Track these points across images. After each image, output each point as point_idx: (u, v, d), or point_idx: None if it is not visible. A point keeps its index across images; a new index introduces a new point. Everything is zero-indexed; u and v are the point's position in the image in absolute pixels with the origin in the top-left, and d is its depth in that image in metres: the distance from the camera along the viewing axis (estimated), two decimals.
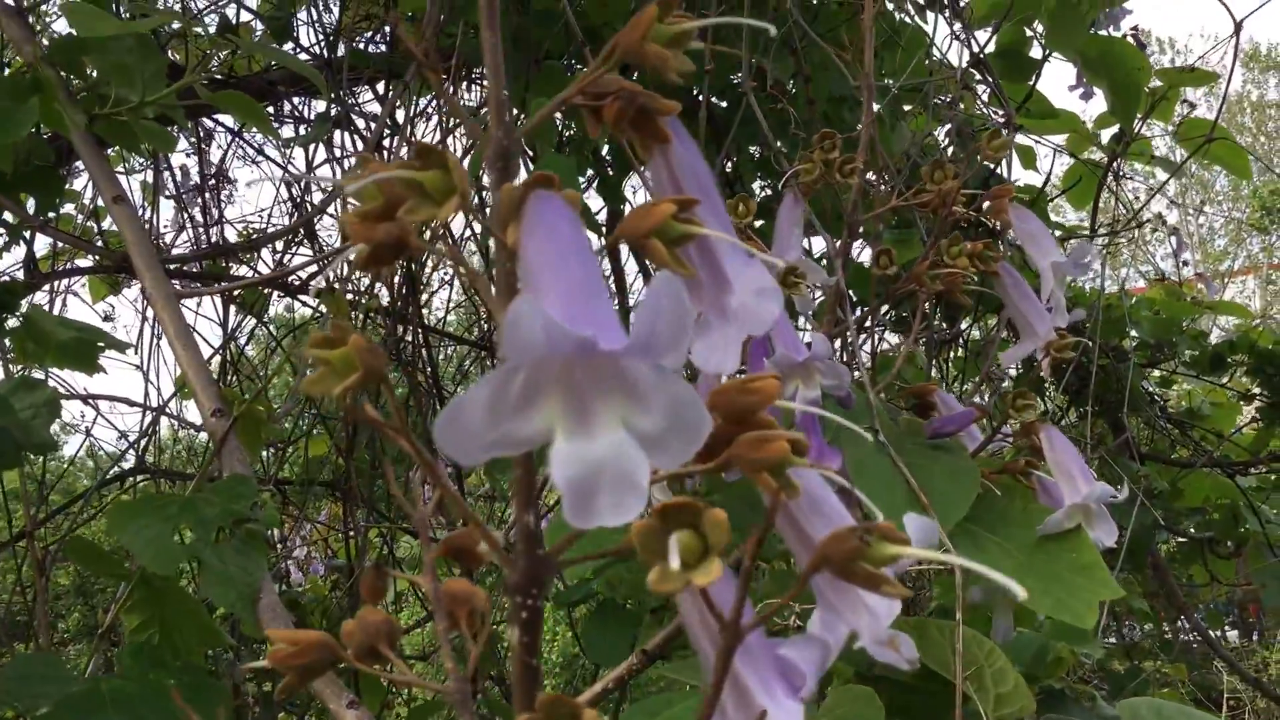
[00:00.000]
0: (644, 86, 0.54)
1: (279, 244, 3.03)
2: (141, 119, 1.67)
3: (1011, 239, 1.80)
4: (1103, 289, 2.96)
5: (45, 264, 2.67)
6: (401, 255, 0.49)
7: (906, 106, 2.57)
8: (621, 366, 0.42)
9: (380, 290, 2.70)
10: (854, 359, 1.29)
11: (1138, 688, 2.91)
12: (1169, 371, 3.60)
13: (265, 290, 2.95)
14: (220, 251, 2.76)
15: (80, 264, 2.79)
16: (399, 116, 2.59)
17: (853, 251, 1.39)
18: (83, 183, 2.83)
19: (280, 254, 3.08)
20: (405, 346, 2.79)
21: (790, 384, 1.08)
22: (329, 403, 3.18)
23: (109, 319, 3.42)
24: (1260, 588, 3.25)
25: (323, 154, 2.90)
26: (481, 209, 2.02)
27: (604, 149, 2.51)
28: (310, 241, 2.98)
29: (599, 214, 2.59)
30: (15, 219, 2.03)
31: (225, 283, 2.62)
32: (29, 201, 1.97)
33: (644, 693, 2.42)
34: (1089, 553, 1.07)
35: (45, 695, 1.27)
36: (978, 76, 2.50)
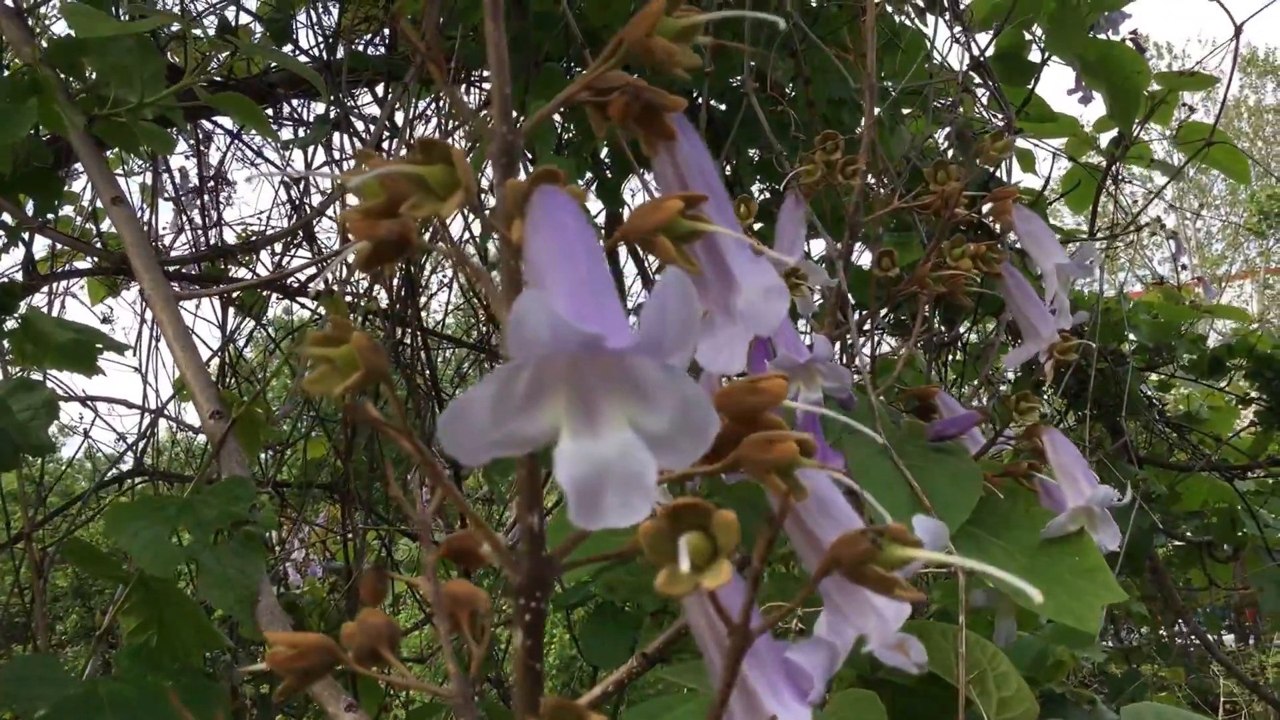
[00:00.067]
0: None
1: (277, 246, 3.03)
2: (140, 120, 1.67)
3: (1011, 241, 1.80)
4: (1101, 292, 2.95)
5: (44, 266, 2.66)
6: (404, 253, 0.49)
7: (906, 110, 2.57)
8: (628, 365, 0.41)
9: (379, 292, 2.70)
10: (855, 361, 1.29)
11: (1136, 691, 2.90)
12: (1167, 375, 3.60)
13: (264, 292, 2.94)
14: (219, 253, 2.75)
15: (79, 265, 2.78)
16: (398, 119, 2.59)
17: (852, 254, 1.39)
18: (81, 184, 2.83)
19: (279, 256, 3.08)
20: (404, 349, 2.78)
21: (792, 386, 1.08)
22: (327, 404, 3.18)
23: (107, 321, 3.41)
24: (1258, 592, 3.24)
25: (322, 156, 2.89)
26: (480, 210, 2.01)
27: (603, 151, 2.51)
28: (309, 243, 2.98)
29: (597, 216, 2.59)
30: (14, 220, 2.02)
31: (224, 284, 2.62)
32: (28, 203, 1.97)
33: (641, 695, 2.41)
34: (1092, 556, 1.06)
35: (43, 697, 1.27)
36: (977, 80, 2.50)
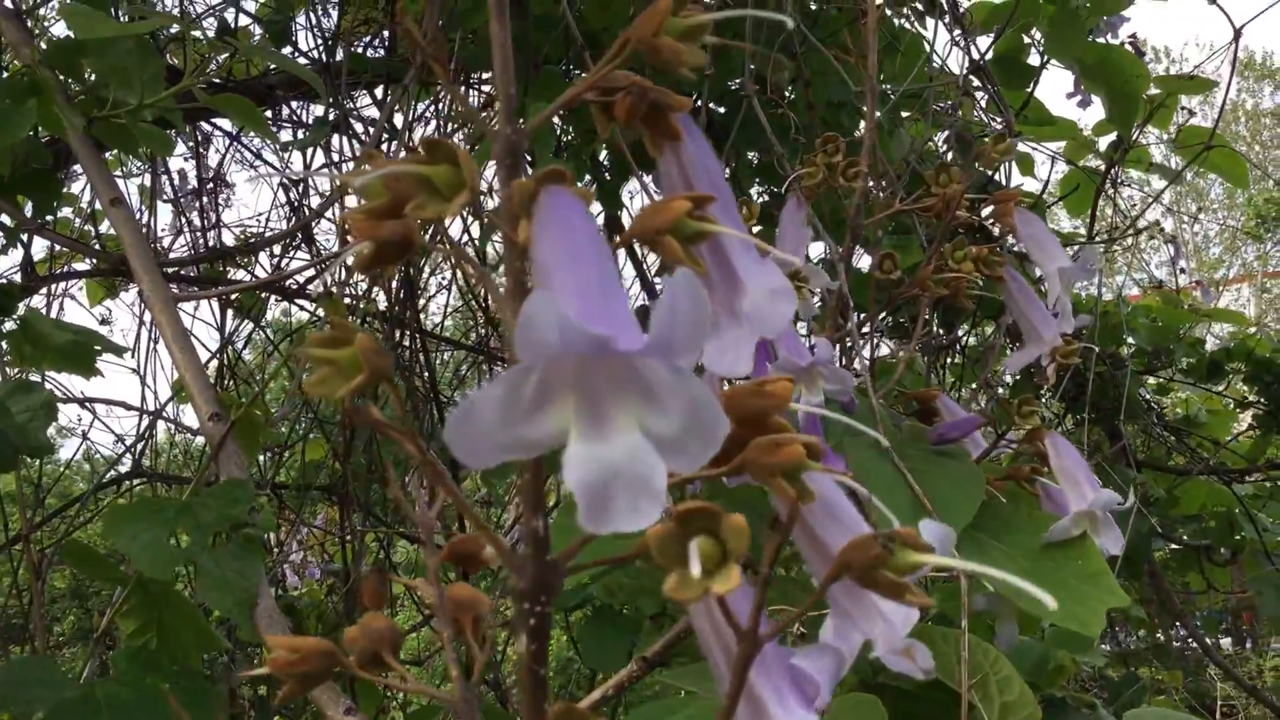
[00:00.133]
0: None
1: (276, 248, 3.02)
2: (140, 122, 1.66)
3: (1011, 244, 1.80)
4: (1100, 296, 2.95)
5: (43, 267, 2.66)
6: (407, 254, 0.48)
7: (905, 113, 2.57)
8: (637, 367, 0.41)
9: (377, 294, 2.69)
10: (857, 364, 1.29)
11: (1134, 695, 2.90)
12: (1166, 379, 3.60)
13: (262, 294, 2.93)
14: (218, 255, 2.75)
15: (78, 267, 2.78)
16: (397, 121, 2.58)
17: (853, 257, 1.38)
18: (80, 186, 2.82)
19: (278, 258, 3.07)
20: (402, 351, 2.77)
21: (794, 389, 1.07)
22: (326, 406, 3.17)
23: (106, 322, 3.40)
24: (1256, 596, 3.24)
25: (321, 158, 2.89)
26: (478, 212, 2.01)
27: (602, 154, 2.50)
28: (308, 245, 2.97)
29: (597, 218, 2.59)
30: (13, 222, 2.02)
31: (222, 286, 2.62)
32: (26, 204, 1.97)
33: (639, 697, 2.41)
34: (1095, 560, 1.06)
35: (41, 699, 1.27)
36: (976, 83, 2.50)
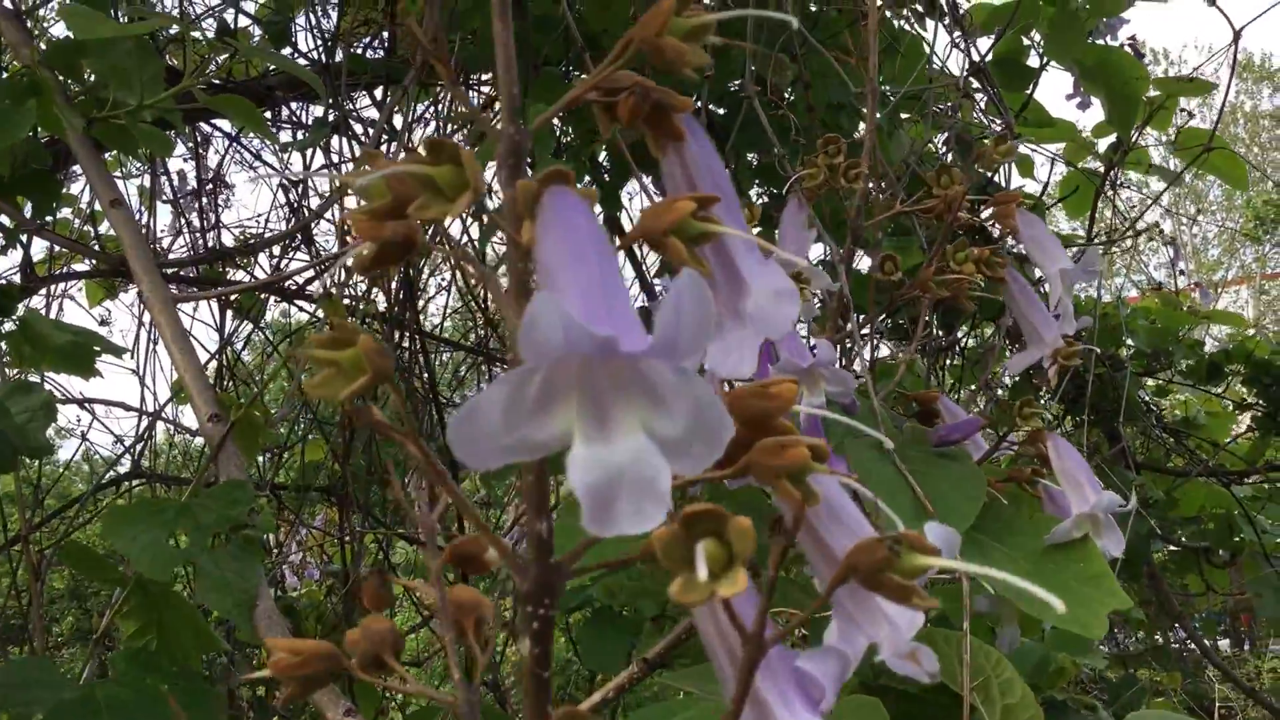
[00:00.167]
0: None
1: (275, 248, 3.02)
2: (139, 123, 1.66)
3: (1010, 246, 1.80)
4: (1099, 298, 2.95)
5: (42, 268, 2.65)
6: (409, 254, 0.48)
7: (904, 115, 2.56)
8: (642, 368, 0.40)
9: (376, 295, 2.69)
10: (857, 365, 1.28)
11: (1133, 697, 2.90)
12: (1165, 381, 3.60)
13: (262, 295, 2.93)
14: (217, 256, 2.74)
15: (77, 268, 2.77)
16: (396, 122, 2.58)
17: (854, 258, 1.38)
18: (79, 187, 2.82)
19: (277, 259, 3.07)
20: (402, 353, 2.77)
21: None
22: (325, 407, 3.17)
23: (105, 323, 3.39)
24: (1256, 597, 3.24)
25: (320, 159, 2.88)
26: (478, 212, 2.01)
27: (601, 155, 2.50)
28: (307, 246, 2.97)
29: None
30: (12, 222, 2.02)
31: (222, 287, 2.61)
32: (26, 205, 1.96)
33: (637, 698, 2.40)
34: (1097, 563, 1.06)
35: (40, 701, 1.26)
36: (975, 85, 2.50)
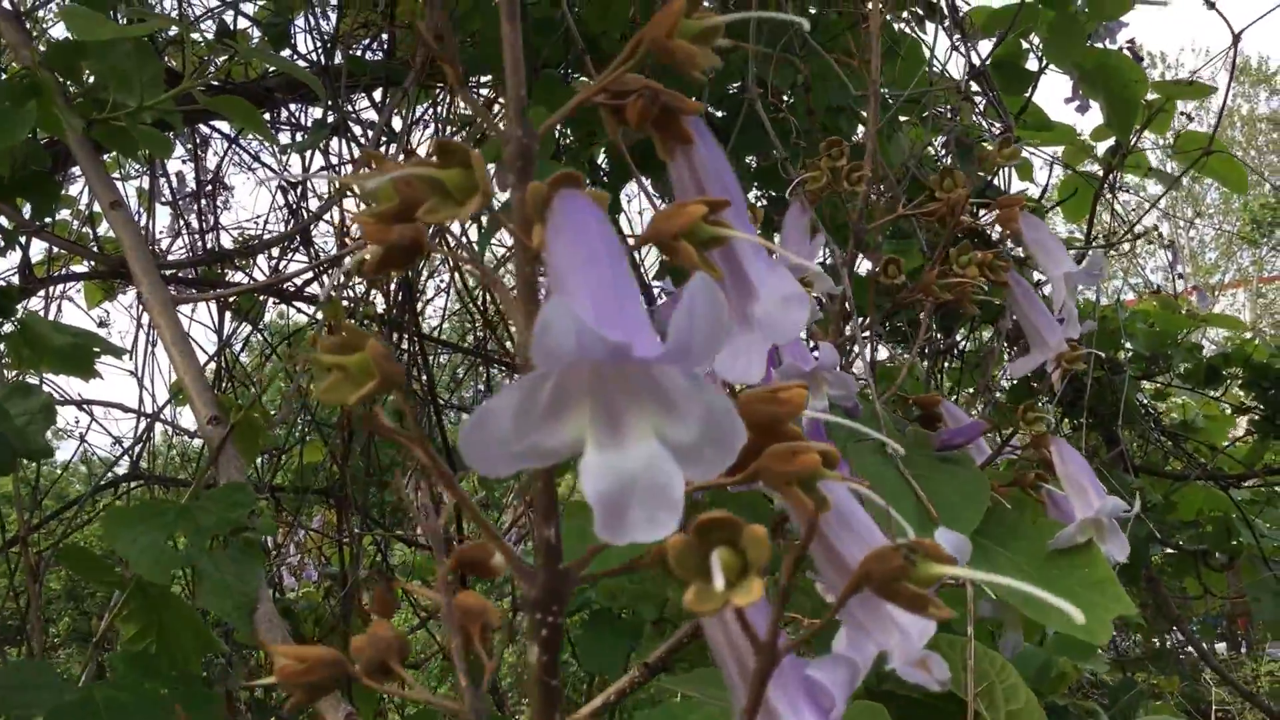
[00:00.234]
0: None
1: (274, 250, 3.01)
2: (139, 124, 1.66)
3: (1009, 248, 1.79)
4: (1098, 301, 2.95)
5: (40, 269, 2.65)
6: (416, 258, 0.48)
7: (903, 117, 2.56)
8: (654, 374, 0.40)
9: (375, 296, 2.69)
10: (857, 366, 1.28)
11: (1132, 700, 2.90)
12: (1163, 384, 3.60)
13: (260, 297, 2.93)
14: (216, 258, 2.74)
15: (76, 269, 2.77)
16: (396, 124, 2.58)
17: (856, 261, 1.38)
18: (78, 188, 2.81)
19: (276, 260, 3.06)
20: (401, 355, 2.77)
21: None
22: (323, 409, 3.16)
23: (104, 324, 3.39)
24: (1254, 601, 3.24)
25: (319, 161, 2.88)
26: (477, 215, 2.00)
27: (600, 157, 2.49)
28: (306, 248, 2.97)
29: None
30: (11, 224, 2.01)
31: (221, 289, 2.61)
32: (24, 206, 1.96)
33: (633, 700, 2.39)
34: (1101, 568, 1.06)
35: (39, 704, 1.26)
36: (975, 88, 2.49)
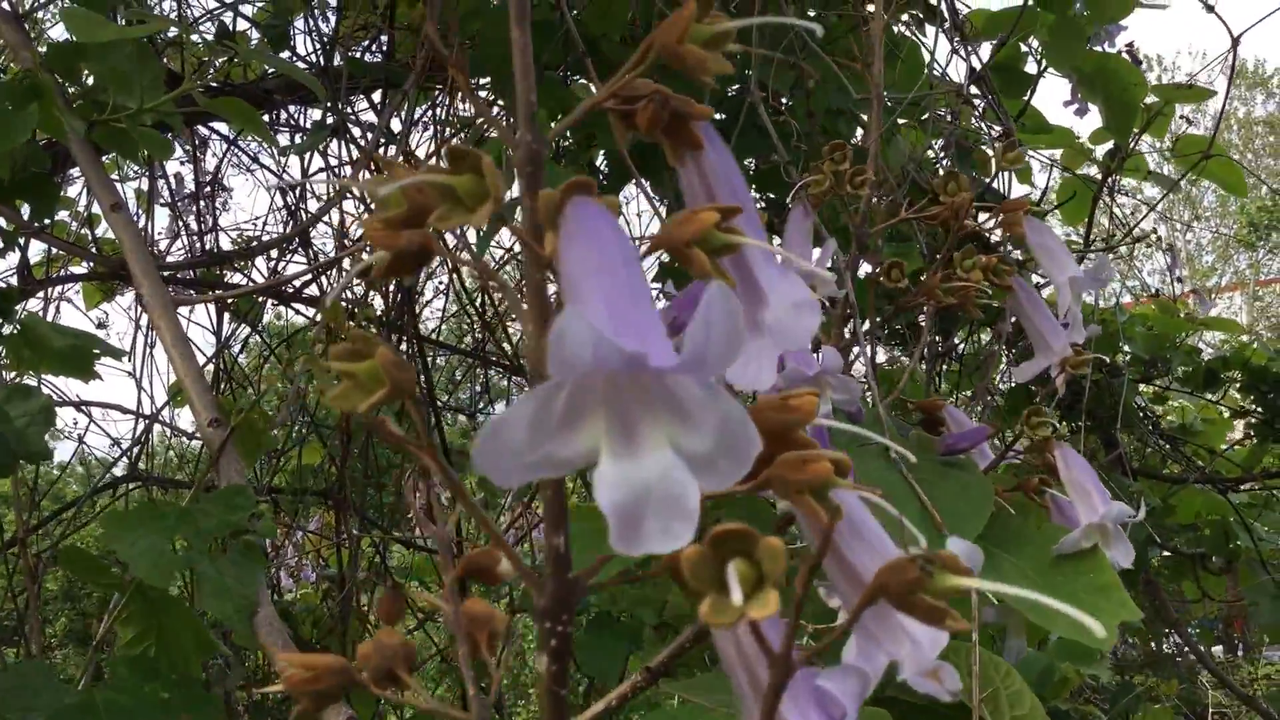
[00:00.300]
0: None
1: (273, 252, 3.01)
2: (140, 126, 1.65)
3: (1008, 251, 1.79)
4: (1097, 304, 2.95)
5: (39, 271, 2.64)
6: (424, 264, 0.48)
7: (902, 121, 2.56)
8: (669, 383, 0.40)
9: (373, 298, 2.68)
10: (857, 367, 1.28)
11: (1130, 703, 2.90)
12: (1162, 388, 3.59)
13: (259, 298, 2.92)
14: (215, 259, 2.74)
15: (75, 271, 2.76)
16: (394, 126, 2.57)
17: (859, 265, 1.38)
18: (76, 190, 2.81)
19: (275, 262, 3.06)
20: (399, 356, 2.75)
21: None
22: (322, 410, 3.16)
23: (103, 326, 3.38)
24: (1252, 605, 3.24)
25: (318, 162, 2.88)
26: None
27: (599, 159, 2.49)
28: (305, 250, 2.96)
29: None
30: (10, 225, 2.01)
31: (220, 291, 2.61)
32: (23, 207, 1.95)
33: (629, 703, 2.39)
34: (1106, 573, 1.05)
35: (39, 706, 1.26)
36: (975, 91, 2.49)
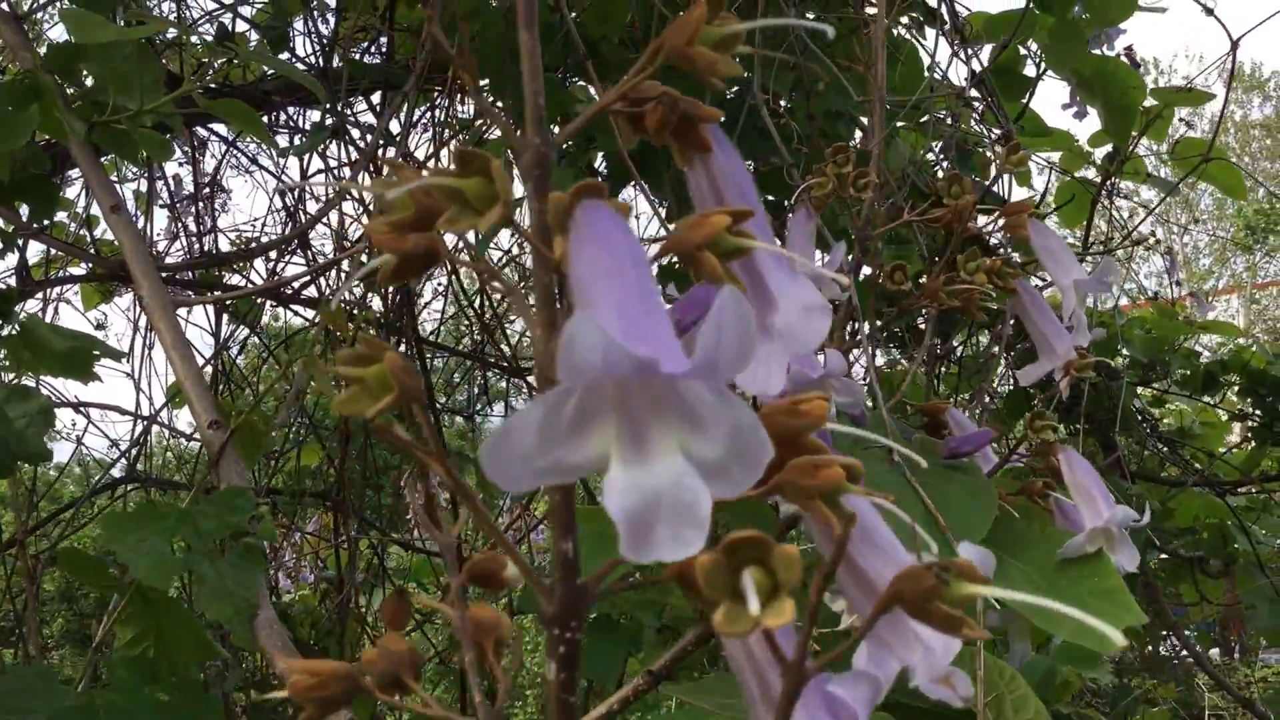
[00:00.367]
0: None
1: (272, 253, 3.00)
2: (140, 127, 1.65)
3: (1007, 254, 1.79)
4: (1095, 307, 2.94)
5: (37, 271, 2.64)
6: (430, 267, 0.48)
7: (900, 123, 2.56)
8: (680, 388, 0.39)
9: (371, 299, 2.69)
10: (871, 375, 1.27)
11: (1129, 706, 2.90)
12: (1160, 391, 3.59)
13: (258, 300, 2.92)
14: (215, 261, 2.74)
15: (73, 272, 2.76)
16: (393, 127, 2.57)
17: (862, 268, 1.37)
18: (75, 191, 2.81)
19: (273, 263, 3.06)
20: None
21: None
22: (321, 411, 3.16)
23: (101, 327, 3.37)
24: (1249, 608, 3.24)
25: (318, 164, 2.88)
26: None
27: (598, 161, 2.49)
28: (303, 251, 2.96)
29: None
30: (9, 226, 2.00)
31: (220, 292, 2.60)
32: (21, 208, 1.95)
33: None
34: (1111, 577, 1.05)
35: (39, 708, 1.25)
36: (974, 94, 2.49)
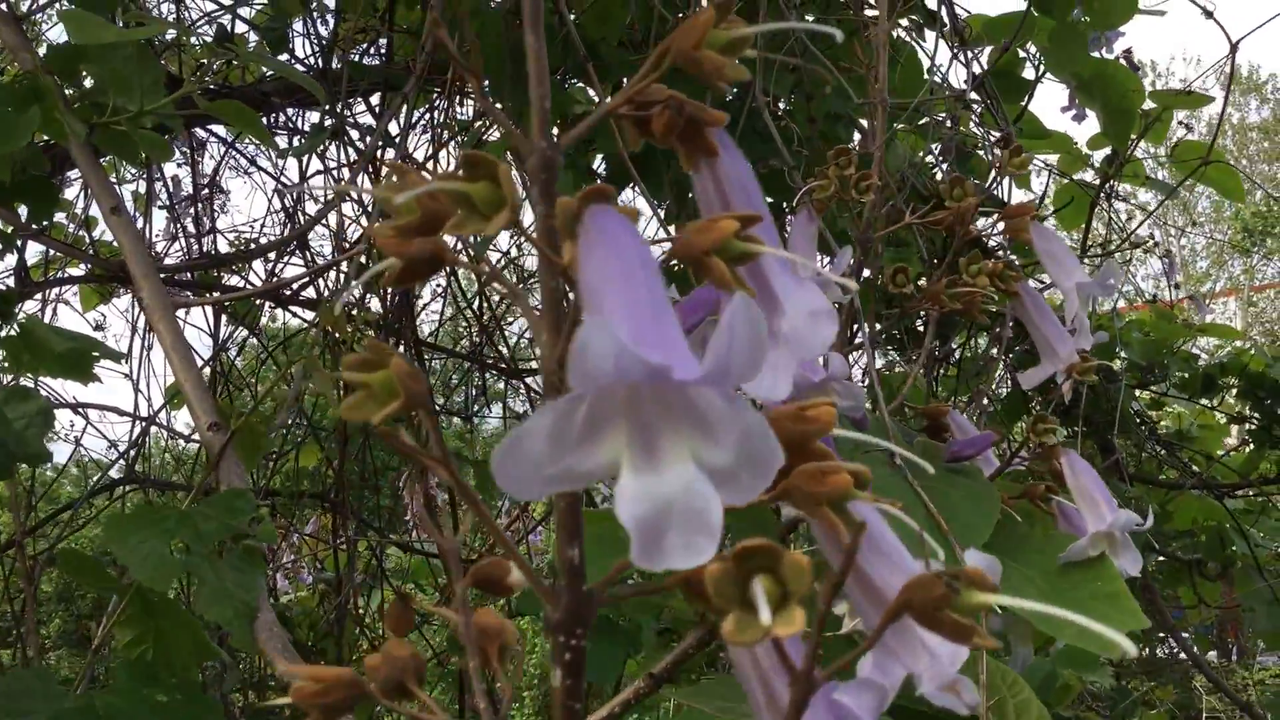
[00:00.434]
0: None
1: (271, 254, 3.00)
2: (140, 128, 1.65)
3: (1007, 256, 1.79)
4: (1094, 309, 2.94)
5: (36, 273, 2.64)
6: (435, 271, 0.47)
7: (899, 125, 2.55)
8: (691, 395, 0.39)
9: (370, 300, 2.68)
10: (872, 378, 1.27)
11: (1128, 708, 2.90)
12: (1159, 394, 3.59)
13: (257, 301, 2.92)
14: (214, 262, 2.73)
15: (72, 273, 2.76)
16: (392, 128, 2.57)
17: (863, 270, 1.37)
18: (74, 192, 2.81)
19: (272, 264, 3.05)
20: None
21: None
22: (319, 413, 3.16)
23: (100, 328, 3.37)
24: (1248, 611, 3.24)
25: (317, 165, 2.88)
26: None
27: (597, 164, 2.49)
28: (302, 253, 2.96)
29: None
30: (8, 227, 2.00)
31: (219, 293, 2.60)
32: (21, 209, 1.95)
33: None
34: (1113, 581, 1.05)
35: (38, 710, 1.25)
36: (973, 96, 2.49)
